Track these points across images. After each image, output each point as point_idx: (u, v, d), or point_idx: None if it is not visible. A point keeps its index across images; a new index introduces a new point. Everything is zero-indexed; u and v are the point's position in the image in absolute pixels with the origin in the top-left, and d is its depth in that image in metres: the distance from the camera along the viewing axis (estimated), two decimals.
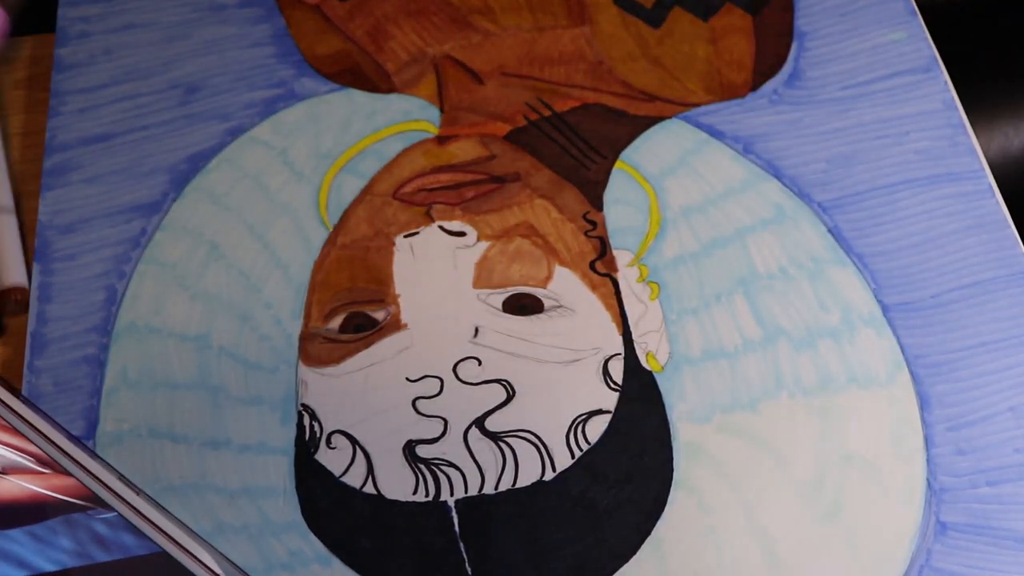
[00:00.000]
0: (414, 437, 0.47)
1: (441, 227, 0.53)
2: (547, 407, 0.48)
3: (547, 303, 0.51)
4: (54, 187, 0.54)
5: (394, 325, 0.50)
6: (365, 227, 0.53)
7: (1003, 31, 0.59)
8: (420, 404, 0.48)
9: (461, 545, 0.45)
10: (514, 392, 0.48)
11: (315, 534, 0.46)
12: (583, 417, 0.48)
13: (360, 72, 0.58)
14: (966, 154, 0.54)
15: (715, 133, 0.56)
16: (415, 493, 0.46)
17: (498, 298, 0.51)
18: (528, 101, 0.57)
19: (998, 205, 0.53)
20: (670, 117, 0.57)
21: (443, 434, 0.47)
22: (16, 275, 0.52)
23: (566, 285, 0.51)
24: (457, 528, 0.45)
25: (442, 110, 0.57)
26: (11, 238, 0.53)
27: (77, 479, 0.45)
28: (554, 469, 0.47)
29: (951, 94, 0.57)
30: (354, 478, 0.47)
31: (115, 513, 0.44)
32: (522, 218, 0.53)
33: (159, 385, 0.49)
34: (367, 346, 0.50)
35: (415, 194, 0.54)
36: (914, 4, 0.59)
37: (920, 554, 0.45)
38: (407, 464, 0.47)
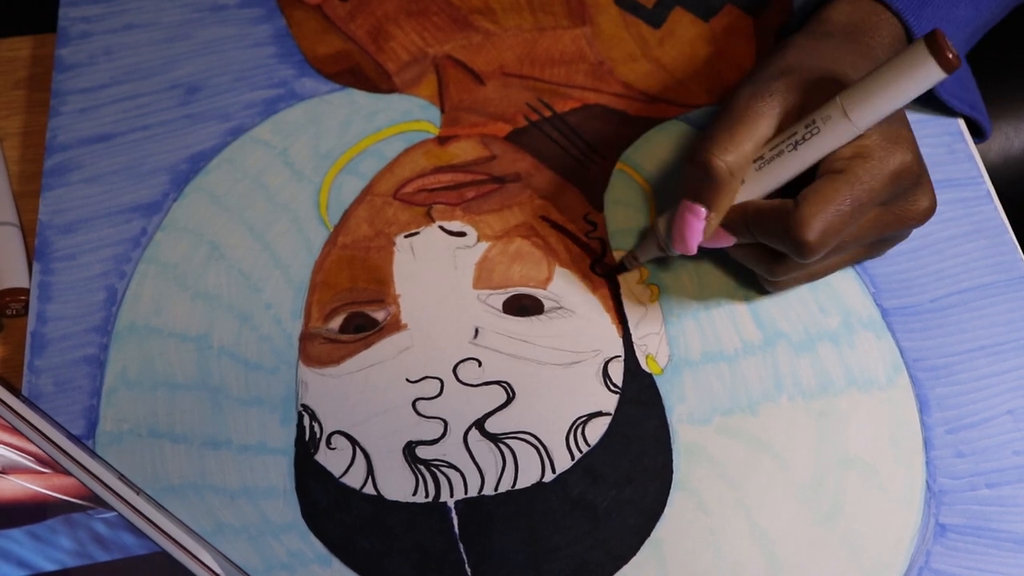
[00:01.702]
0: (414, 438, 0.47)
1: (441, 227, 0.53)
2: (547, 409, 0.48)
3: (547, 304, 0.51)
4: (55, 187, 0.54)
5: (394, 325, 0.50)
6: (366, 227, 0.53)
7: (1002, 33, 0.59)
8: (420, 405, 0.48)
9: (461, 546, 0.45)
10: (514, 394, 0.48)
11: (315, 535, 0.46)
12: (583, 419, 0.48)
13: (361, 72, 0.58)
14: (964, 160, 0.55)
15: None
16: (415, 494, 0.46)
17: (498, 299, 0.51)
18: (529, 101, 0.57)
19: (996, 211, 0.53)
20: (671, 118, 0.57)
21: (443, 435, 0.47)
22: (18, 280, 0.52)
23: (566, 286, 0.51)
24: (457, 529, 0.46)
25: (443, 110, 0.57)
26: (15, 248, 0.53)
27: (77, 479, 0.45)
28: (554, 471, 0.47)
29: None
30: (354, 479, 0.47)
31: (115, 513, 0.44)
32: (522, 219, 0.53)
33: (159, 385, 0.49)
34: (367, 346, 0.50)
35: (415, 194, 0.54)
36: None
37: (919, 556, 0.45)
38: (407, 465, 0.47)
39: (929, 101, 0.55)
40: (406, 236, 0.53)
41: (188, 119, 0.56)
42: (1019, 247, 0.52)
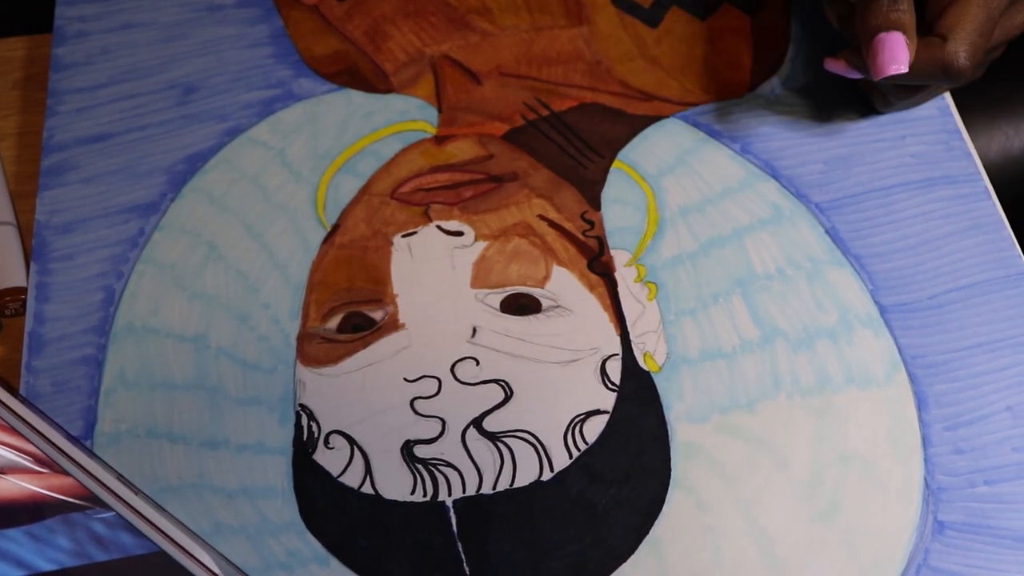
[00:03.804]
0: (412, 437, 0.47)
1: (439, 227, 0.53)
2: (545, 407, 0.48)
3: (545, 303, 0.51)
4: (51, 187, 0.54)
5: (392, 325, 0.50)
6: (363, 227, 0.53)
7: None
8: (418, 404, 0.48)
9: (459, 545, 0.45)
10: (512, 392, 0.48)
11: (313, 534, 0.46)
12: (581, 417, 0.48)
13: (358, 72, 0.58)
14: (962, 158, 0.55)
15: (713, 133, 0.56)
16: (413, 493, 0.46)
17: (496, 298, 0.51)
18: (526, 101, 0.57)
19: (994, 207, 0.53)
20: (668, 116, 0.57)
21: (441, 434, 0.47)
22: (16, 280, 0.52)
23: (564, 285, 0.51)
24: (455, 528, 0.46)
25: (440, 110, 0.57)
26: (13, 248, 0.53)
27: (75, 479, 0.45)
28: (552, 469, 0.47)
29: (946, 101, 0.57)
30: (352, 478, 0.47)
31: (113, 513, 0.44)
32: (520, 218, 0.53)
33: (157, 385, 0.49)
34: (365, 346, 0.50)
35: (413, 194, 0.54)
36: None
37: (918, 553, 0.45)
38: (405, 464, 0.47)
39: None
40: (403, 236, 0.53)
41: (185, 119, 0.56)
42: (1017, 243, 0.52)
